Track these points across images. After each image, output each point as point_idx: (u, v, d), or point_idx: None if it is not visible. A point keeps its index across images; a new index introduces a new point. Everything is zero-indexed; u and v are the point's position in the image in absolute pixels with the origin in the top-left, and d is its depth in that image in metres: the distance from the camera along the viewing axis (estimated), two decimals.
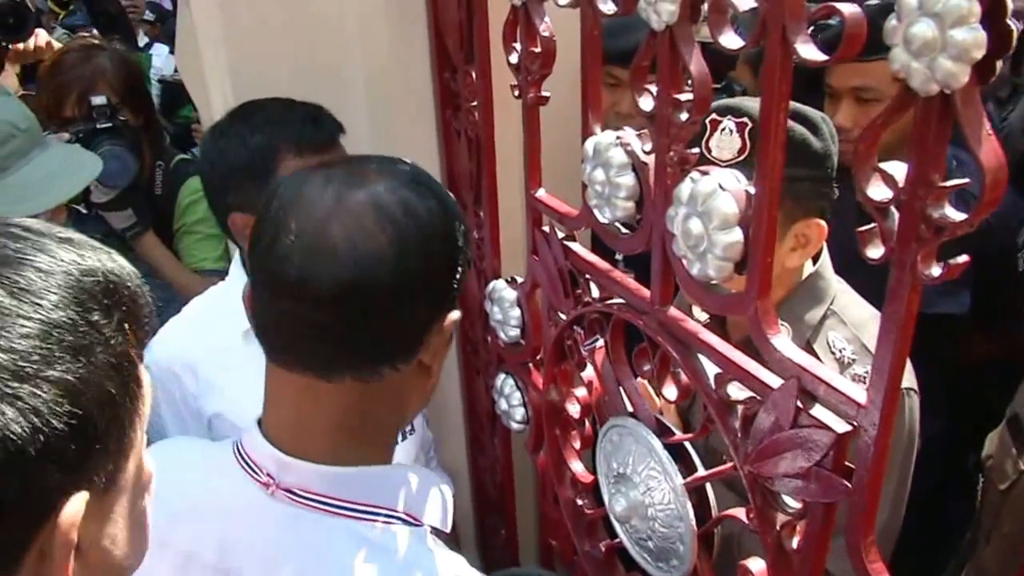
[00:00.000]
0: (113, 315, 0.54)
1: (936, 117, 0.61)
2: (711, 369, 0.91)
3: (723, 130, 1.21)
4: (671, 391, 0.99)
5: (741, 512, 0.91)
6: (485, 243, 1.36)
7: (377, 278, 0.78)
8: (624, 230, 1.00)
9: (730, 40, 0.76)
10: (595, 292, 1.09)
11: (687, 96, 0.84)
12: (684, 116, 0.85)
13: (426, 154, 1.46)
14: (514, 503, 1.57)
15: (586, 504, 1.25)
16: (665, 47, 0.84)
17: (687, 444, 1.02)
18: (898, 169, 0.65)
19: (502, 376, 1.37)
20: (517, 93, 1.14)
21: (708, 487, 1.01)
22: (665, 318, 0.95)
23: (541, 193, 1.18)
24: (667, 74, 0.84)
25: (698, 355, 0.92)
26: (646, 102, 0.88)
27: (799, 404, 0.79)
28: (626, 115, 1.77)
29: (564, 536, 1.32)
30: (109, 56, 1.88)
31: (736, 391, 0.87)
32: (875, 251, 0.68)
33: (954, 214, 0.62)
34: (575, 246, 1.13)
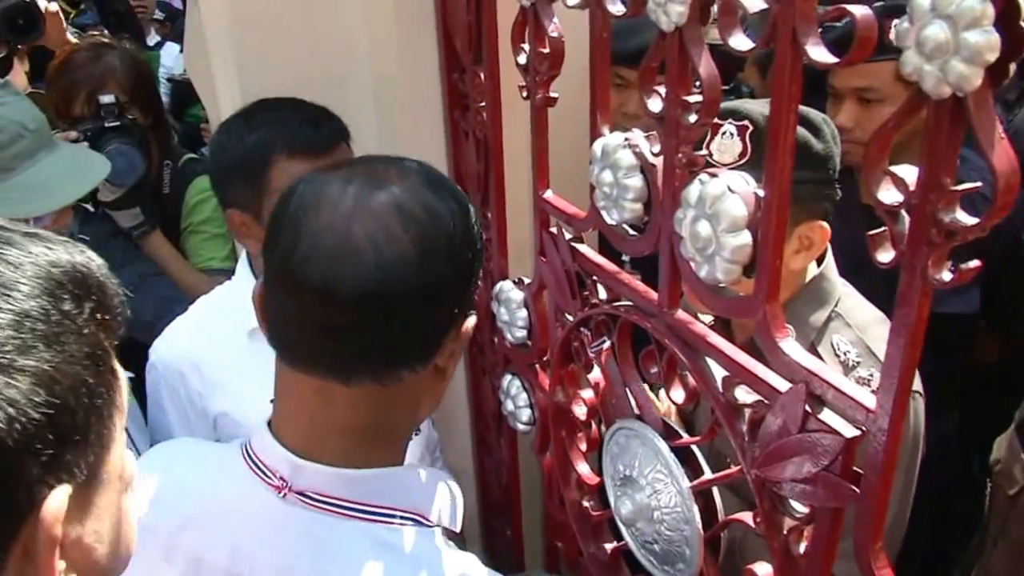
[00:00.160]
0: (84, 305, 0.54)
1: (948, 120, 0.60)
2: (718, 372, 0.91)
3: (724, 134, 1.21)
4: (678, 394, 0.98)
5: (748, 516, 0.91)
6: (493, 244, 1.36)
7: (401, 281, 0.77)
8: (632, 232, 0.99)
9: (740, 42, 0.76)
10: (602, 294, 1.09)
11: (696, 98, 0.84)
12: (693, 118, 0.84)
13: (434, 154, 1.46)
14: (520, 504, 1.57)
15: (592, 506, 1.24)
16: (674, 48, 0.83)
17: (694, 447, 1.02)
18: (909, 172, 0.65)
19: (508, 377, 1.37)
20: (525, 94, 1.14)
21: (715, 490, 1.00)
22: (673, 321, 0.95)
23: (549, 194, 1.17)
24: (676, 76, 0.84)
25: (706, 358, 0.92)
26: (655, 104, 0.88)
27: (807, 408, 0.78)
28: (633, 116, 1.77)
29: (569, 538, 1.32)
30: (119, 55, 1.89)
31: (744, 395, 0.87)
32: (885, 255, 0.68)
33: (965, 218, 0.62)
34: (583, 247, 1.13)
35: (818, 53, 0.68)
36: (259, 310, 0.86)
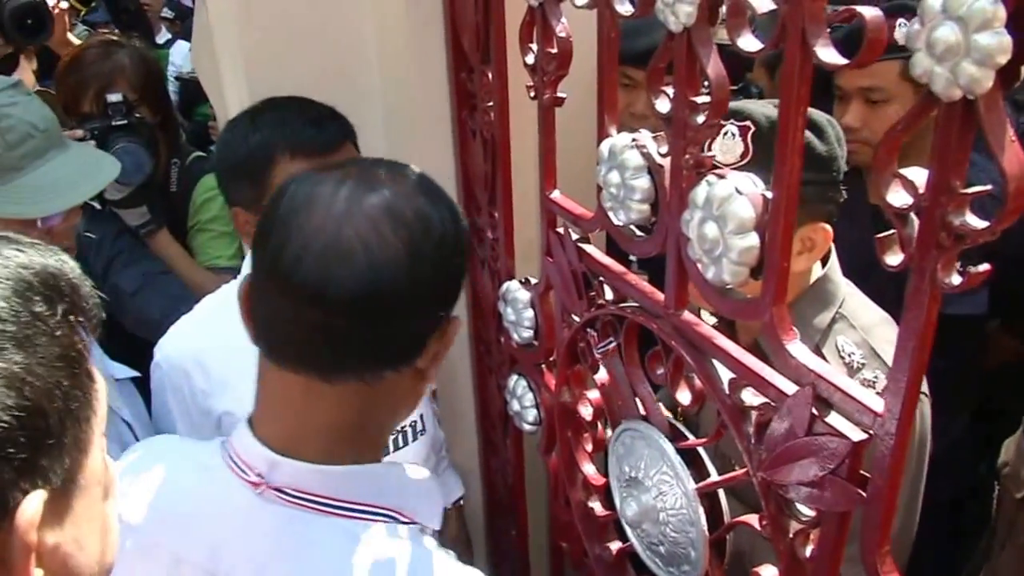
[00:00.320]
0: (57, 306, 0.53)
1: (958, 123, 0.60)
2: (725, 374, 0.90)
3: (726, 134, 1.20)
4: (684, 395, 0.98)
5: (754, 519, 0.90)
6: (499, 244, 1.36)
7: (391, 284, 0.78)
8: (639, 233, 0.99)
9: (748, 43, 0.75)
10: (609, 294, 1.09)
11: (704, 99, 0.83)
12: (701, 119, 0.84)
13: (441, 154, 1.46)
14: (525, 504, 1.57)
15: (597, 507, 1.24)
16: (682, 49, 0.83)
17: (700, 449, 1.01)
18: (918, 175, 0.64)
19: (515, 377, 1.37)
20: (533, 94, 1.13)
21: (720, 493, 1.00)
22: (679, 322, 0.95)
23: (556, 194, 1.17)
24: (684, 76, 0.84)
25: (712, 360, 0.92)
26: (663, 104, 0.88)
27: (814, 411, 0.78)
28: (640, 116, 1.77)
29: (575, 538, 1.32)
30: (128, 53, 1.89)
31: (750, 397, 0.87)
32: (894, 258, 0.67)
33: (975, 221, 0.61)
34: (590, 248, 1.12)
35: (827, 54, 0.68)
36: (244, 309, 0.86)
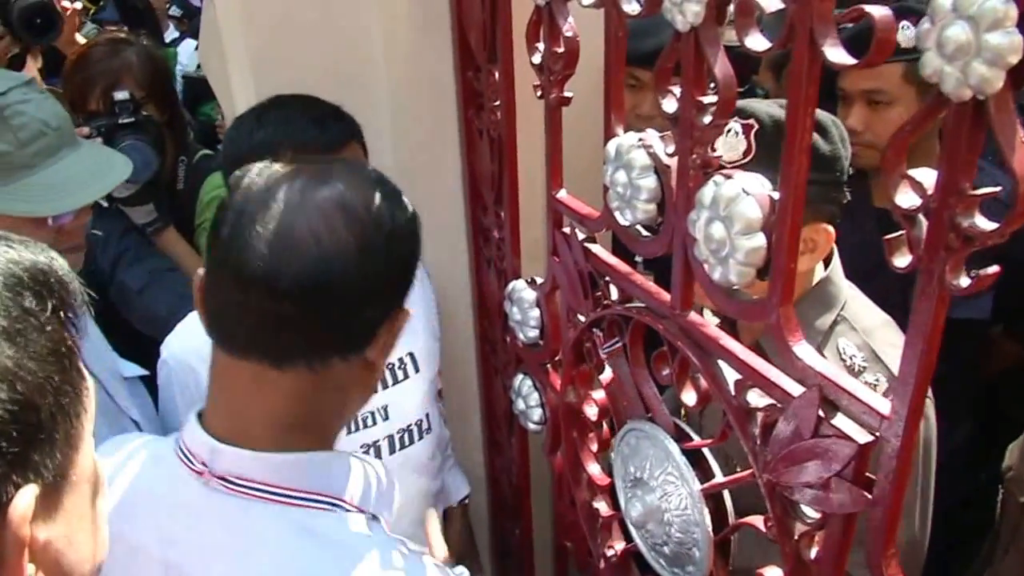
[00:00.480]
0: (47, 302, 0.54)
1: (968, 123, 0.59)
2: (731, 375, 0.90)
3: (729, 131, 1.20)
4: (690, 396, 0.98)
5: (759, 520, 0.90)
6: (505, 243, 1.36)
7: (340, 275, 0.80)
8: (645, 233, 0.99)
9: (756, 42, 0.75)
10: (615, 294, 1.09)
11: (711, 99, 0.83)
12: (708, 119, 0.84)
13: (448, 153, 1.46)
14: (530, 504, 1.57)
15: (602, 507, 1.24)
16: (690, 48, 0.82)
17: (704, 450, 1.01)
18: (927, 176, 0.64)
19: (520, 376, 1.37)
20: (540, 93, 1.13)
21: (725, 494, 1.00)
22: (686, 323, 0.94)
23: (562, 194, 1.17)
24: (691, 76, 0.83)
25: (718, 361, 0.91)
26: (669, 104, 0.87)
27: (820, 413, 0.77)
28: (647, 117, 1.76)
29: (579, 538, 1.32)
30: (136, 51, 1.89)
31: (756, 398, 0.86)
32: (902, 260, 0.67)
33: (984, 223, 0.61)
34: (596, 248, 1.12)
35: (836, 54, 0.67)
36: (198, 299, 0.88)
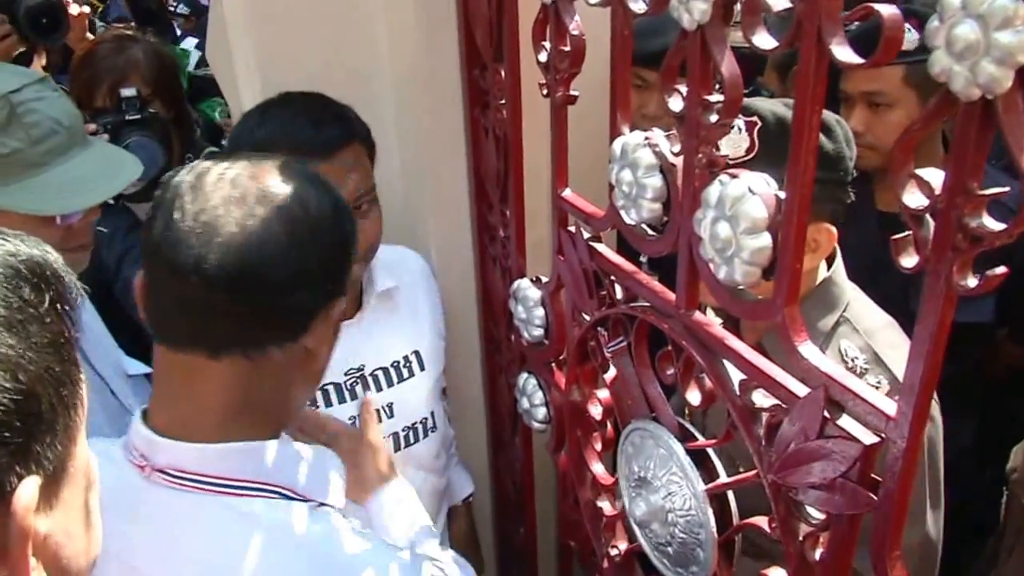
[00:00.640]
0: (44, 294, 0.54)
1: (977, 123, 0.59)
2: (736, 375, 0.90)
3: (733, 128, 1.19)
4: (694, 396, 0.97)
5: (763, 521, 0.90)
6: (510, 242, 1.35)
7: (265, 260, 0.82)
8: (650, 232, 0.99)
9: (763, 40, 0.75)
10: (620, 294, 1.08)
11: (717, 97, 0.83)
12: (714, 117, 0.83)
13: (453, 151, 1.46)
14: (534, 503, 1.57)
15: (606, 506, 1.24)
16: (696, 47, 0.82)
17: (709, 450, 1.01)
18: (935, 176, 0.64)
19: (525, 375, 1.37)
20: (546, 91, 1.13)
21: (730, 494, 0.99)
22: (690, 322, 0.94)
23: (567, 193, 1.17)
24: (698, 75, 0.83)
25: (723, 360, 0.91)
26: (676, 103, 0.87)
27: (826, 414, 0.77)
28: (653, 117, 1.76)
29: (583, 537, 1.32)
30: (142, 48, 1.89)
31: (761, 398, 0.86)
32: (909, 260, 0.66)
33: (992, 224, 0.61)
34: (601, 247, 1.12)
35: (843, 53, 0.67)
36: (139, 300, 0.89)
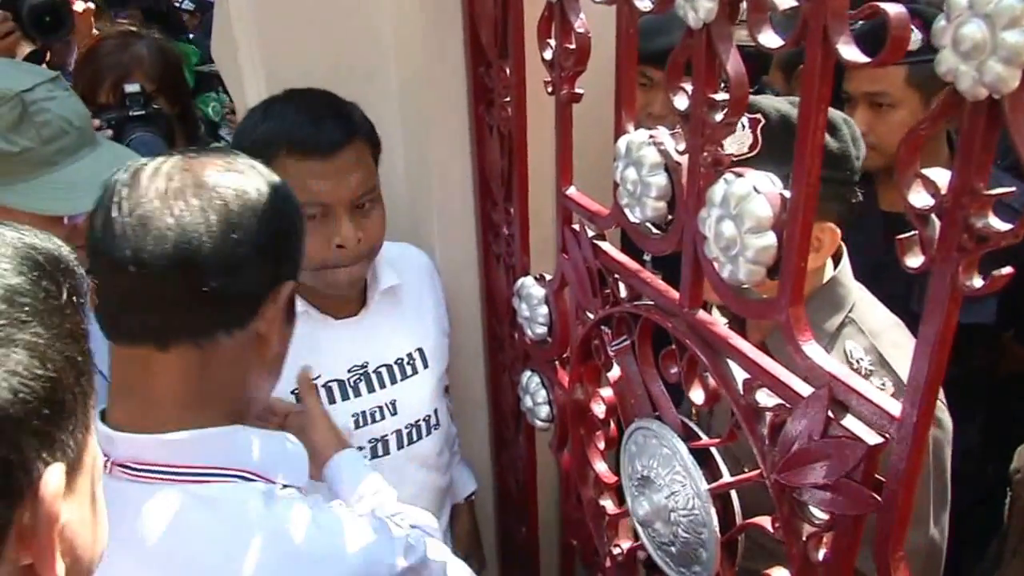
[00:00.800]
0: (62, 285, 0.55)
1: (983, 123, 0.59)
2: (740, 374, 0.89)
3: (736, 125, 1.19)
4: (698, 395, 0.97)
5: (767, 521, 0.90)
6: (514, 240, 1.35)
7: (203, 251, 0.84)
8: (655, 230, 0.99)
9: (769, 39, 0.74)
10: (624, 292, 1.08)
11: (723, 96, 0.83)
12: (719, 116, 0.83)
13: (458, 149, 1.45)
14: (536, 501, 1.57)
15: (609, 505, 1.24)
16: (702, 45, 0.82)
17: (712, 449, 1.01)
18: (941, 176, 0.63)
19: (528, 373, 1.37)
20: (551, 89, 1.13)
21: (733, 494, 0.99)
22: (695, 321, 0.94)
23: (572, 191, 1.17)
24: (703, 73, 0.83)
25: (727, 360, 0.91)
26: (681, 101, 0.87)
27: (830, 414, 0.77)
28: (658, 116, 1.75)
29: (586, 536, 1.31)
30: (146, 44, 1.89)
31: (765, 398, 0.86)
32: (914, 260, 0.66)
33: (998, 224, 0.60)
34: (605, 245, 1.12)
35: (849, 52, 0.67)
36: (91, 300, 0.89)
